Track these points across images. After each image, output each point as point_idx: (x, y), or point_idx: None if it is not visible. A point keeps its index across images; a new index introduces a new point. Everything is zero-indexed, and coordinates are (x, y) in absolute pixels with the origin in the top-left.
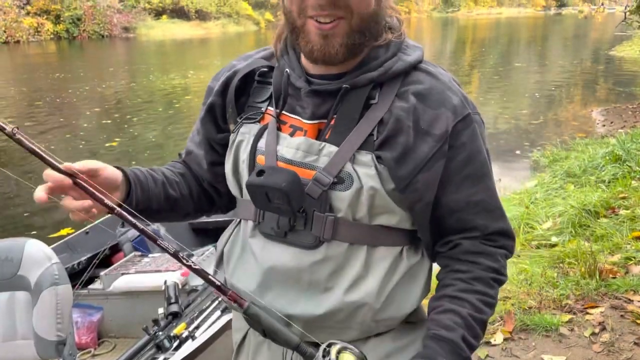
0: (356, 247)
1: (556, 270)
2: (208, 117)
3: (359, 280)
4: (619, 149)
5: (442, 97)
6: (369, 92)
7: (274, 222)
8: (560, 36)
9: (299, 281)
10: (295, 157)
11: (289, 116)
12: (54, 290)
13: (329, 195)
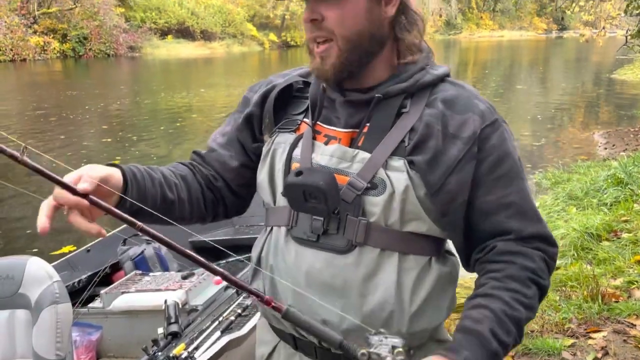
0: (388, 253)
1: (558, 294)
2: (245, 125)
3: (392, 287)
4: (620, 172)
5: (469, 103)
6: (401, 101)
7: (307, 226)
8: (562, 59)
9: (333, 286)
10: (330, 163)
11: (323, 126)
12: (54, 309)
13: (363, 199)
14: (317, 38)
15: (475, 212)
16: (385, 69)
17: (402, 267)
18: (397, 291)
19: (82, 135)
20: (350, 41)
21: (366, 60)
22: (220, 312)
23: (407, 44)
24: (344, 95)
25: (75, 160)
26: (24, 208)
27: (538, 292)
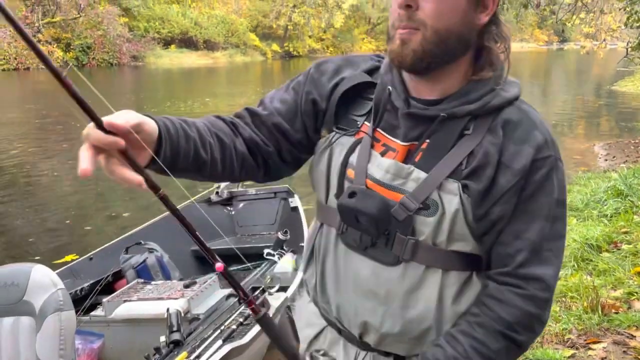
0: (432, 270)
1: (559, 305)
2: (311, 109)
3: (433, 301)
4: (620, 183)
5: (528, 134)
6: (465, 123)
7: (356, 237)
8: (563, 71)
9: (376, 294)
10: (384, 178)
11: (383, 134)
12: (58, 316)
13: (413, 219)
14: (404, 26)
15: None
16: (458, 80)
17: (444, 283)
18: (437, 305)
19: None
20: (439, 35)
21: (447, 59)
22: (222, 321)
23: (491, 56)
24: (409, 106)
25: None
26: (27, 217)
27: (509, 345)
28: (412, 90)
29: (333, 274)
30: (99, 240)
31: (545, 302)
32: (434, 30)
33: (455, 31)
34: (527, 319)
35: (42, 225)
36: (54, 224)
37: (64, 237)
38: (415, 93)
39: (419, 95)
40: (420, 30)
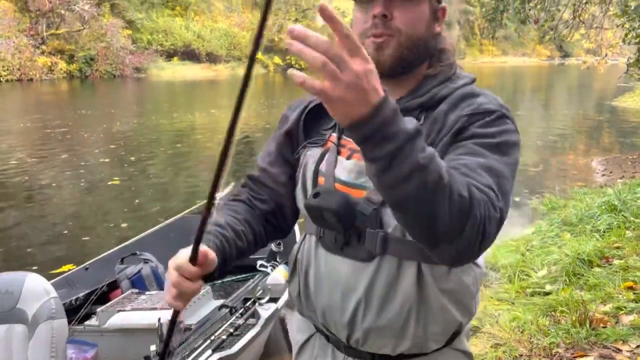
0: (407, 263)
1: (548, 319)
2: (286, 141)
3: (411, 295)
4: (614, 199)
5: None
6: (417, 115)
7: (332, 238)
8: (564, 86)
9: (357, 291)
10: (349, 178)
11: (347, 140)
12: (50, 324)
13: (380, 212)
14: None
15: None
16: (416, 80)
17: (420, 276)
18: (416, 297)
19: (84, 155)
20: (412, 40)
21: (416, 63)
22: (213, 331)
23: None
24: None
25: (74, 178)
26: (25, 226)
27: (468, 196)
28: None
29: (316, 280)
30: (97, 250)
31: (498, 206)
32: (408, 36)
33: (422, 38)
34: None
35: (40, 235)
36: (52, 234)
37: (62, 247)
38: None
39: None
40: (396, 36)
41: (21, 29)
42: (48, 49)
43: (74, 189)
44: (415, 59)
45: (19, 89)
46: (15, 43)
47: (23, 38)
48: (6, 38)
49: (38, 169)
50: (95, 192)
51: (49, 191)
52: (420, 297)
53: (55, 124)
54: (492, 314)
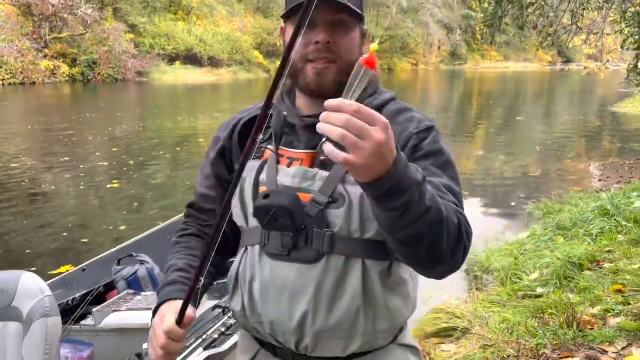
0: (353, 260)
1: (536, 320)
2: (220, 160)
3: (358, 291)
4: (608, 203)
5: (407, 116)
6: None
7: (278, 243)
8: (565, 91)
9: (306, 293)
10: (293, 183)
11: (286, 150)
12: (45, 322)
13: (325, 213)
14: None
15: None
16: None
17: (366, 272)
18: (363, 295)
19: (84, 158)
20: (348, 65)
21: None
22: (205, 330)
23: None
24: (303, 121)
25: (75, 180)
26: (25, 228)
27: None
28: (303, 110)
29: (262, 290)
30: (96, 252)
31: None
32: (347, 62)
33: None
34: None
35: (40, 236)
36: (52, 235)
37: (61, 249)
38: (308, 111)
39: (312, 112)
40: (337, 62)
41: (24, 32)
42: (51, 52)
43: (75, 191)
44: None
45: (21, 92)
46: (18, 47)
47: (26, 42)
48: (9, 42)
49: (38, 172)
50: (95, 194)
51: (49, 193)
52: (367, 294)
53: (57, 127)
54: (483, 316)
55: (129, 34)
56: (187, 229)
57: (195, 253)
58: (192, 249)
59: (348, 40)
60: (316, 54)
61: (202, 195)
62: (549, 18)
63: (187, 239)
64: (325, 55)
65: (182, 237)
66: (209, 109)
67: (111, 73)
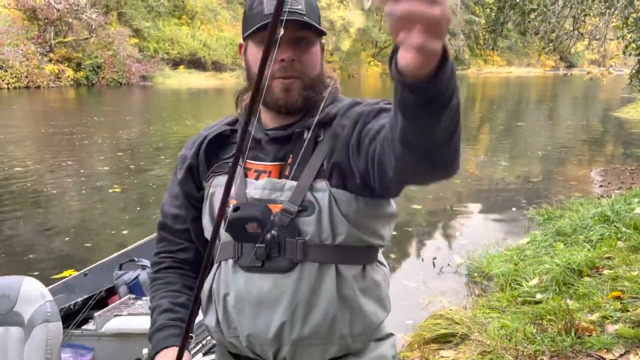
0: (326, 266)
1: (535, 327)
2: (187, 177)
3: (333, 296)
4: (608, 210)
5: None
6: (316, 132)
7: (252, 254)
8: (567, 96)
9: (282, 303)
10: (263, 195)
11: (253, 163)
12: (46, 327)
13: (296, 222)
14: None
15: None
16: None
17: (339, 277)
18: (337, 299)
19: (88, 162)
20: (313, 80)
21: (317, 97)
22: (204, 336)
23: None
24: (268, 134)
25: (78, 185)
26: (28, 232)
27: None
28: (268, 124)
29: (236, 304)
30: (99, 256)
31: None
32: (309, 77)
33: (319, 74)
34: None
35: (43, 240)
36: (55, 240)
37: (64, 253)
38: (273, 124)
39: (276, 125)
40: (300, 78)
41: (29, 37)
42: (55, 56)
43: (78, 195)
44: (315, 95)
45: (26, 96)
46: (23, 51)
47: (31, 46)
48: (14, 46)
49: (42, 176)
50: (98, 199)
51: (53, 197)
52: (342, 299)
53: (62, 130)
54: (482, 322)
55: (133, 38)
56: (162, 262)
57: (174, 287)
58: (171, 283)
59: (310, 56)
60: (282, 71)
61: (173, 215)
62: (551, 24)
63: (163, 273)
64: (291, 72)
65: (159, 273)
66: (215, 113)
67: (115, 77)
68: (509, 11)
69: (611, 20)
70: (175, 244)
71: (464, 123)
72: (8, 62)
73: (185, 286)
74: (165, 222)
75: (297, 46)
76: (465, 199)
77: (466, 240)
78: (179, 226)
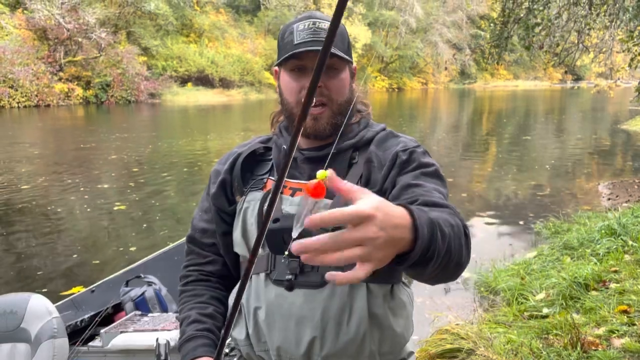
0: (357, 285)
1: (541, 341)
2: (220, 192)
3: (364, 314)
4: (614, 223)
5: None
6: (351, 154)
7: (284, 268)
8: (575, 109)
9: (313, 318)
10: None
11: (289, 181)
12: (52, 343)
13: None
14: (317, 102)
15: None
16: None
17: (370, 295)
18: (368, 317)
19: (96, 179)
20: (341, 106)
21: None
22: None
23: (357, 106)
24: (303, 154)
25: (86, 202)
26: (37, 249)
27: (458, 220)
28: (302, 145)
29: (267, 318)
30: (106, 273)
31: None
32: (338, 104)
33: (348, 100)
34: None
35: (52, 257)
36: (63, 256)
37: (72, 270)
38: (307, 145)
39: (310, 146)
40: (328, 105)
41: (39, 56)
42: (65, 75)
43: (87, 213)
44: (345, 119)
45: (36, 115)
46: (33, 70)
47: (41, 65)
48: (25, 65)
49: (51, 193)
50: (105, 216)
51: (62, 215)
52: (372, 317)
53: (71, 148)
54: (488, 336)
55: (141, 56)
56: (190, 275)
57: (202, 299)
58: (199, 295)
59: (338, 82)
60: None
61: (202, 229)
62: (555, 38)
63: (191, 286)
64: (319, 98)
65: (187, 285)
66: (223, 130)
67: (124, 95)
68: (514, 26)
69: (617, 33)
70: (202, 257)
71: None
72: (19, 81)
73: (212, 297)
74: (194, 235)
75: (325, 73)
76: (472, 213)
77: (473, 255)
78: (207, 240)
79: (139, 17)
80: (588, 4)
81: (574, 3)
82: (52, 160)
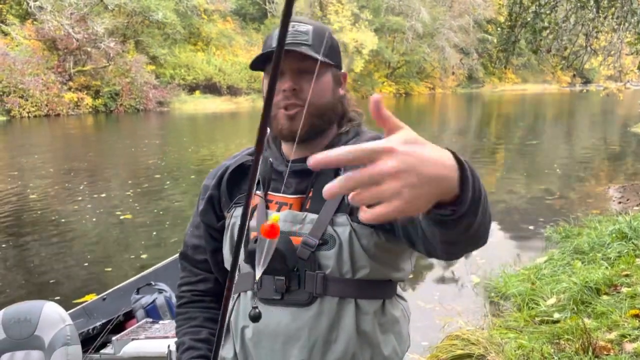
0: (346, 301)
1: (552, 347)
2: (208, 208)
3: (353, 332)
4: (625, 227)
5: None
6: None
7: (271, 287)
8: (584, 112)
9: (300, 339)
10: (284, 227)
11: (274, 195)
12: (65, 350)
13: (317, 255)
14: (291, 105)
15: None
16: (328, 138)
17: (359, 312)
18: (357, 335)
19: (106, 187)
20: (319, 109)
21: (325, 126)
22: None
23: (349, 114)
24: (290, 167)
25: (97, 210)
26: (49, 257)
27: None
28: (288, 156)
29: (254, 337)
30: (118, 281)
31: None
32: (315, 106)
33: (329, 104)
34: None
35: (64, 266)
36: (75, 265)
37: (84, 278)
38: (294, 157)
39: (297, 157)
40: (304, 107)
41: (49, 66)
42: (75, 85)
43: (98, 221)
44: (324, 124)
45: (46, 124)
46: (43, 80)
47: (51, 75)
48: (35, 75)
49: (63, 202)
50: (116, 224)
51: (73, 223)
52: (361, 335)
53: (81, 157)
54: (499, 342)
55: (150, 65)
56: (183, 296)
57: (195, 323)
58: (192, 319)
59: (316, 86)
60: (285, 100)
61: (193, 245)
62: (563, 41)
63: (184, 309)
64: (294, 101)
65: (181, 307)
66: (231, 137)
67: (133, 103)
68: (521, 30)
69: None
70: (194, 275)
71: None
72: (29, 91)
73: (206, 319)
74: (186, 252)
75: (301, 76)
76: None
77: (483, 260)
78: (199, 257)
79: (146, 27)
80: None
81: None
82: (62, 168)
